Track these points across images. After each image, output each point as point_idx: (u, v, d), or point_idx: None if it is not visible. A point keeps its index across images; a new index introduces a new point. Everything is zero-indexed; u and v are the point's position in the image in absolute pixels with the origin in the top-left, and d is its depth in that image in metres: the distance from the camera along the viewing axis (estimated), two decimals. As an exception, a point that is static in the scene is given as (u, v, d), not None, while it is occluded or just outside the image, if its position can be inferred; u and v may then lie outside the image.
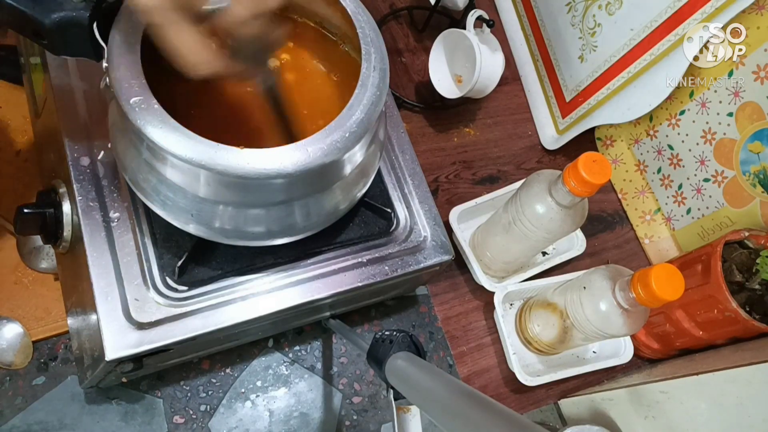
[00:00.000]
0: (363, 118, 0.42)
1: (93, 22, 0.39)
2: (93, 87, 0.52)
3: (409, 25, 0.94)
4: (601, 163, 0.55)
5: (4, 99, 0.67)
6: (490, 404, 0.34)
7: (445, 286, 0.77)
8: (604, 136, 0.93)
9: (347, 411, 0.67)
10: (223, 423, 0.62)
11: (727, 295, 0.64)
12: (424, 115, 0.87)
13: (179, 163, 0.38)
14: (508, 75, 0.95)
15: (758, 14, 0.66)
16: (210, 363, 0.64)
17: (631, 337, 0.76)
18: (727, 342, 0.70)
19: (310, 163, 0.39)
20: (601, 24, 0.81)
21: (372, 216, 0.57)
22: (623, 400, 0.68)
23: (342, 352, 0.69)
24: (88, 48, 0.40)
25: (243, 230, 0.44)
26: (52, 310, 0.61)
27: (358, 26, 0.45)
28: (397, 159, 0.61)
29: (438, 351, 0.73)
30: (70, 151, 0.49)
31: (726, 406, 0.58)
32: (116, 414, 0.59)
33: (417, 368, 0.41)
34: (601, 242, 0.88)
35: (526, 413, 0.74)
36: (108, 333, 0.44)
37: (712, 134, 0.76)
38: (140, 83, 0.38)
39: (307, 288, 0.52)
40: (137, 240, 0.48)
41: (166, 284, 0.48)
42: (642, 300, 0.55)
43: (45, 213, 0.49)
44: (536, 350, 0.74)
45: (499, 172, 0.88)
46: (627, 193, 0.92)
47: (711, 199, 0.78)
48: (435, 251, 0.57)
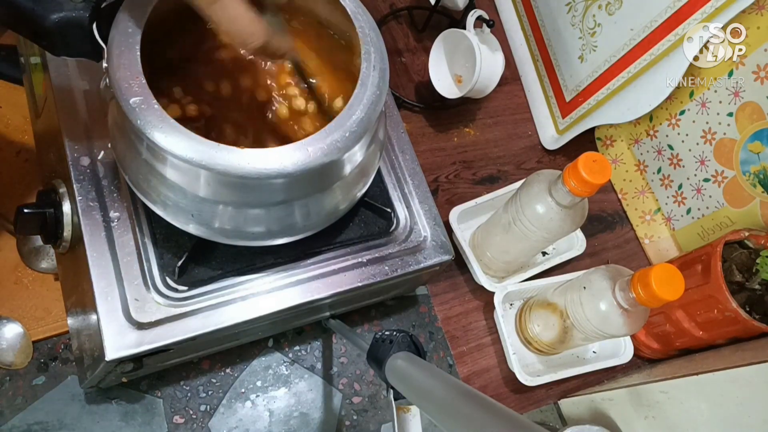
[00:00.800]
0: (363, 118, 0.42)
1: (93, 22, 0.39)
2: (93, 87, 0.52)
3: (409, 25, 0.94)
4: (601, 163, 0.55)
5: (4, 99, 0.67)
6: (490, 404, 0.34)
7: (445, 286, 0.77)
8: (604, 136, 0.93)
9: (347, 411, 0.67)
10: (223, 423, 0.62)
11: (727, 295, 0.64)
12: (424, 115, 0.87)
13: (179, 163, 0.38)
14: (508, 75, 0.95)
15: (758, 14, 0.66)
16: (210, 363, 0.64)
17: (631, 337, 0.76)
18: (727, 342, 0.70)
19: (310, 162, 0.39)
20: (601, 24, 0.81)
21: (372, 216, 0.57)
22: (623, 400, 0.68)
23: (342, 352, 0.69)
24: (88, 48, 0.41)
25: (243, 230, 0.45)
26: (52, 310, 0.61)
27: (358, 26, 0.45)
28: (397, 159, 0.61)
29: (438, 351, 0.73)
30: (70, 151, 0.49)
31: (726, 406, 0.58)
32: (116, 414, 0.59)
33: (417, 368, 0.41)
34: (601, 242, 0.88)
35: (526, 413, 0.74)
36: (108, 333, 0.44)
37: (712, 134, 0.76)
38: (140, 83, 0.38)
39: (307, 288, 0.52)
40: (137, 240, 0.48)
41: (166, 284, 0.48)
42: (642, 300, 0.55)
43: (45, 213, 0.49)
44: (536, 350, 0.74)
45: (499, 172, 0.88)
46: (627, 193, 0.91)
47: (711, 199, 0.78)
48: (435, 251, 0.57)
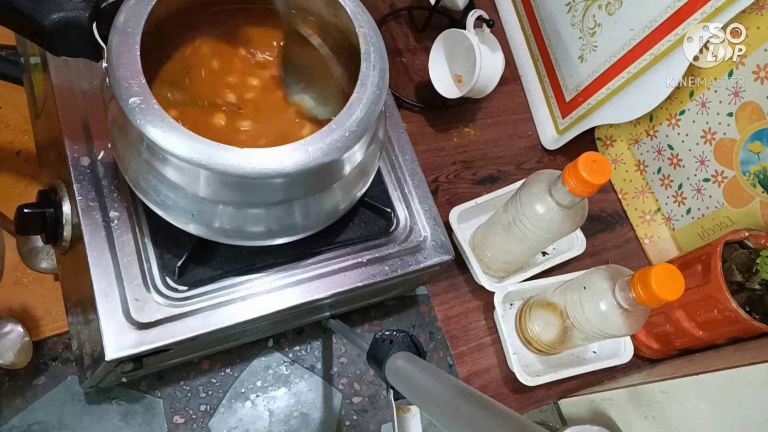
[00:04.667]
0: (363, 118, 0.42)
1: (93, 22, 0.39)
2: (93, 87, 0.52)
3: (409, 25, 0.94)
4: (601, 163, 0.55)
5: (4, 99, 0.67)
6: (490, 404, 0.34)
7: (445, 286, 0.77)
8: (604, 136, 0.93)
9: (347, 411, 0.67)
10: (223, 423, 0.62)
11: (727, 295, 0.64)
12: (424, 115, 0.87)
13: (179, 163, 0.38)
14: (508, 75, 0.96)
15: (758, 14, 0.66)
16: (210, 363, 0.64)
17: (631, 337, 0.76)
18: (727, 342, 0.70)
19: (309, 162, 0.39)
20: (601, 24, 0.81)
21: (372, 216, 0.57)
22: (623, 400, 0.68)
23: (342, 352, 0.69)
24: (88, 48, 0.41)
25: (243, 230, 0.45)
26: (52, 310, 0.61)
27: (358, 26, 0.45)
28: (397, 159, 0.61)
29: (438, 351, 0.73)
30: (70, 151, 0.49)
31: (726, 406, 0.58)
32: (116, 414, 0.59)
33: (417, 368, 0.41)
34: (601, 242, 0.88)
35: (526, 413, 0.74)
36: (108, 333, 0.44)
37: (712, 134, 0.76)
38: (140, 83, 0.38)
39: (307, 288, 0.52)
40: (137, 240, 0.48)
41: (166, 284, 0.48)
42: (642, 300, 0.55)
43: (45, 213, 0.49)
44: (536, 350, 0.74)
45: (499, 172, 0.88)
46: (627, 193, 0.91)
47: (711, 199, 0.78)
48: (435, 251, 0.57)
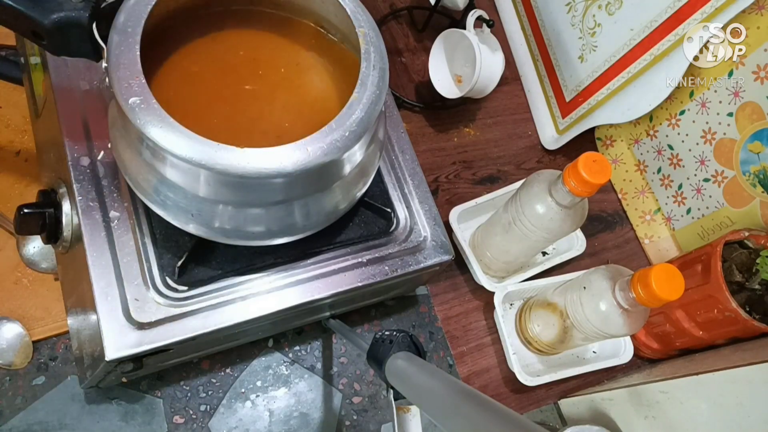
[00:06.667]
0: (363, 117, 0.42)
1: (93, 22, 0.39)
2: (93, 87, 0.52)
3: (409, 25, 0.94)
4: (601, 163, 0.55)
5: (4, 99, 0.67)
6: (490, 404, 0.34)
7: (445, 286, 0.77)
8: (604, 136, 0.93)
9: (347, 411, 0.67)
10: (223, 423, 0.62)
11: (727, 295, 0.64)
12: (424, 115, 0.87)
13: (179, 162, 0.38)
14: (508, 75, 0.96)
15: (758, 14, 0.66)
16: (210, 363, 0.64)
17: (631, 337, 0.76)
18: (727, 342, 0.70)
19: (309, 162, 0.39)
20: (601, 24, 0.81)
21: (372, 216, 0.57)
22: (623, 400, 0.68)
23: (342, 352, 0.69)
24: (87, 48, 0.41)
25: (243, 230, 0.44)
26: (52, 310, 0.60)
27: (358, 26, 0.45)
28: (397, 159, 0.61)
29: (438, 351, 0.73)
30: (70, 151, 0.49)
31: (726, 406, 0.58)
32: (116, 414, 0.59)
33: (417, 368, 0.41)
34: (601, 242, 0.88)
35: (526, 413, 0.74)
36: (108, 333, 0.44)
37: (712, 134, 0.76)
38: (140, 83, 0.38)
39: (307, 288, 0.52)
40: (137, 240, 0.48)
41: (166, 284, 0.48)
42: (642, 300, 0.55)
43: (45, 213, 0.49)
44: (536, 350, 0.74)
45: (499, 172, 0.88)
46: (627, 193, 0.91)
47: (711, 199, 0.78)
48: (435, 251, 0.57)
